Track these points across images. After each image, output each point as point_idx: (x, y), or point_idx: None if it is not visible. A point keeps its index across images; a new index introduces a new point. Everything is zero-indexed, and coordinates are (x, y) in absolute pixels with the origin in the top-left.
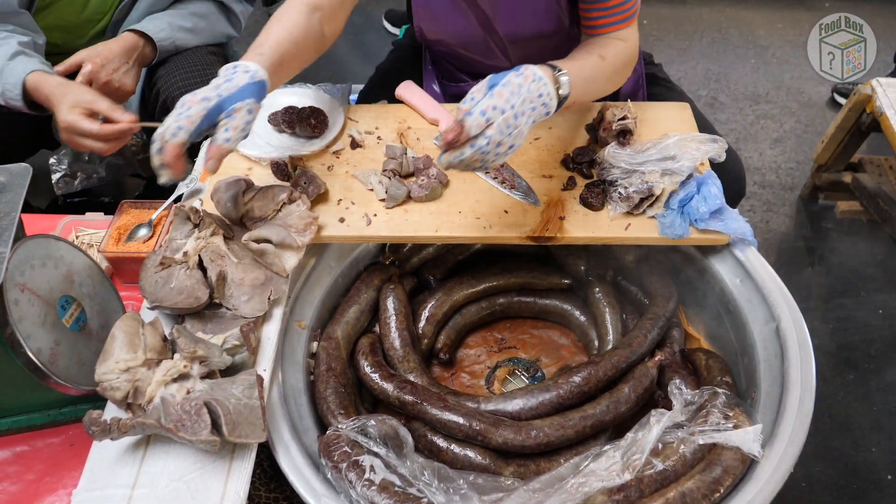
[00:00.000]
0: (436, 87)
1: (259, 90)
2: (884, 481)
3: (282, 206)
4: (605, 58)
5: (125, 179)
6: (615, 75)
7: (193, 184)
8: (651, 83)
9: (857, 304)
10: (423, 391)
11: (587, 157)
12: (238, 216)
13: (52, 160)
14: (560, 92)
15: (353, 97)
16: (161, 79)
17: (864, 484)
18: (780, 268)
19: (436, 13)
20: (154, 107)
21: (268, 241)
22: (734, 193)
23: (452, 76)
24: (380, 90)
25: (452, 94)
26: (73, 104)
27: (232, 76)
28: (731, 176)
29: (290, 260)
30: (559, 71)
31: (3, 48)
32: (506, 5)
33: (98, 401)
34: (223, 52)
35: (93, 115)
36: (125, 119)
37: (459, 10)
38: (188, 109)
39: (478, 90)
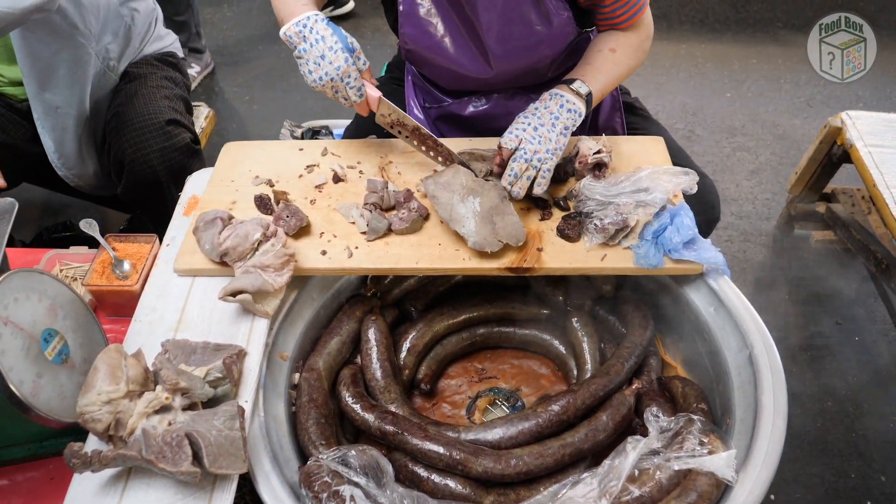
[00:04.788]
0: (419, 114)
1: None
2: None
3: (258, 245)
4: (616, 49)
5: None
6: (630, 59)
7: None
8: (628, 111)
9: (833, 331)
10: (404, 421)
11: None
12: (218, 257)
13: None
14: (581, 92)
15: (339, 133)
16: (110, 134)
17: None
18: (758, 297)
19: (419, 19)
20: (110, 164)
21: (244, 291)
22: (708, 219)
23: (434, 98)
24: (364, 124)
25: (436, 117)
26: None
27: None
28: (706, 203)
29: (271, 303)
30: (571, 82)
31: None
32: (499, 19)
33: (79, 434)
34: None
35: None
36: None
37: (450, 20)
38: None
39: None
